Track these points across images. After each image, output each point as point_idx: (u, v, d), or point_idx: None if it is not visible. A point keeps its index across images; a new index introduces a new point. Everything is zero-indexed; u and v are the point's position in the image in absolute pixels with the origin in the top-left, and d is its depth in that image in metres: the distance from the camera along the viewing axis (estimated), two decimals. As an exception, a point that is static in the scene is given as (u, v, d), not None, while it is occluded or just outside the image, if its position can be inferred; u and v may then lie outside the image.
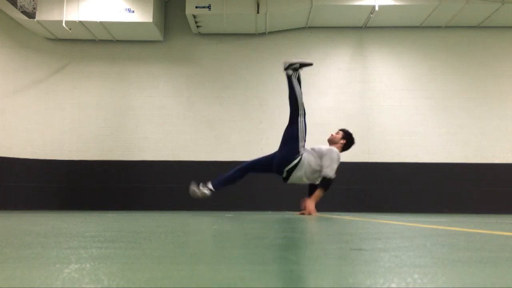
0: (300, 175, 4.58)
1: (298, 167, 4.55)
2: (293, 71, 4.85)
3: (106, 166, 8.20)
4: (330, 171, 4.53)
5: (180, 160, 8.22)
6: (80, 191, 8.13)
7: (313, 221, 3.19)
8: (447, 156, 8.13)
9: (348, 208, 7.78)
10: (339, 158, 4.69)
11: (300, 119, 4.74)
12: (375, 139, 8.24)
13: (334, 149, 4.74)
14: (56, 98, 8.42)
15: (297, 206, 4.90)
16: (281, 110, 8.35)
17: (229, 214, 4.74)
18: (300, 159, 4.54)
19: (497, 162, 8.07)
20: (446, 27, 8.44)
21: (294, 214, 4.80)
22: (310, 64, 4.96)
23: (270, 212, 6.14)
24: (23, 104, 8.15)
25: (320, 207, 7.65)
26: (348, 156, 8.23)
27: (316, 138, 8.20)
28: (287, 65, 4.83)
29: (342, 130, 5.13)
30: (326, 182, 4.56)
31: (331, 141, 4.97)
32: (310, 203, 4.57)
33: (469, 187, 7.96)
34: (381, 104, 8.36)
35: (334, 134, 5.07)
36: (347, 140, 5.01)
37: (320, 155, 4.64)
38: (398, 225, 2.59)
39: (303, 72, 8.52)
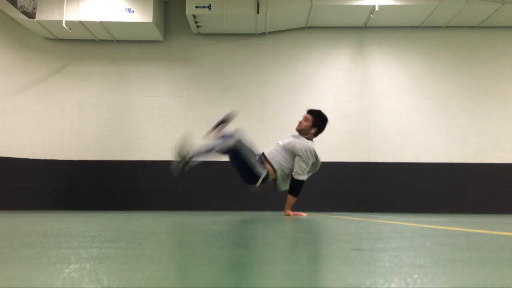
0: (280, 183, 4.26)
1: (277, 177, 4.22)
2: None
3: (106, 166, 8.20)
4: (299, 173, 4.18)
5: (180, 160, 8.20)
6: (80, 191, 8.13)
7: (313, 221, 3.19)
8: (447, 156, 8.13)
9: (348, 208, 7.78)
10: (312, 155, 4.25)
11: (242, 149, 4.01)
12: (375, 139, 8.25)
13: (309, 145, 4.25)
14: (56, 98, 8.42)
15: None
16: (281, 111, 8.37)
17: (229, 214, 4.74)
18: (266, 174, 4.09)
19: (497, 162, 8.07)
20: (446, 27, 8.44)
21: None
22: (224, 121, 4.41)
23: (270, 212, 6.14)
24: (23, 104, 8.15)
25: (320, 207, 7.67)
26: (348, 156, 8.28)
27: (316, 138, 8.22)
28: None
29: (311, 113, 4.48)
30: (294, 186, 4.21)
31: (302, 132, 4.40)
32: (286, 209, 4.33)
33: (469, 187, 7.96)
34: (381, 104, 8.36)
35: (302, 121, 4.43)
36: (319, 126, 4.42)
37: (290, 151, 4.21)
38: (398, 225, 2.59)
39: (303, 72, 8.54)
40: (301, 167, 4.22)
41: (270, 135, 7.76)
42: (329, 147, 8.16)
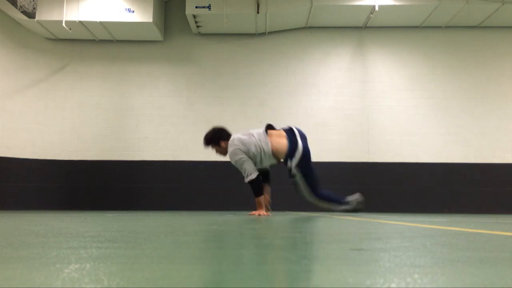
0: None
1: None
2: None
3: (106, 166, 8.20)
4: (245, 177, 4.29)
5: (180, 160, 8.22)
6: (80, 191, 8.13)
7: (313, 221, 3.20)
8: (447, 156, 8.13)
9: (348, 208, 7.77)
10: (236, 155, 4.28)
11: None
12: (375, 139, 8.25)
13: (230, 153, 4.37)
14: (56, 98, 8.42)
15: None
16: (281, 111, 8.37)
17: (229, 214, 4.74)
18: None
19: (497, 162, 8.07)
20: (446, 27, 8.44)
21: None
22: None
23: (270, 212, 6.12)
24: (23, 104, 8.15)
25: (319, 207, 7.64)
26: (348, 156, 8.28)
27: (316, 138, 8.23)
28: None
29: (206, 142, 4.59)
30: (251, 187, 4.33)
31: (223, 154, 4.63)
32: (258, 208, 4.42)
33: (469, 187, 7.96)
34: (381, 104, 8.36)
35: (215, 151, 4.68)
36: (215, 141, 4.52)
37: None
38: (398, 225, 2.59)
39: (303, 72, 8.54)
40: (243, 171, 4.31)
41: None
42: (329, 147, 8.16)
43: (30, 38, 8.28)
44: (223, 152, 4.55)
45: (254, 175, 4.25)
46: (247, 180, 4.26)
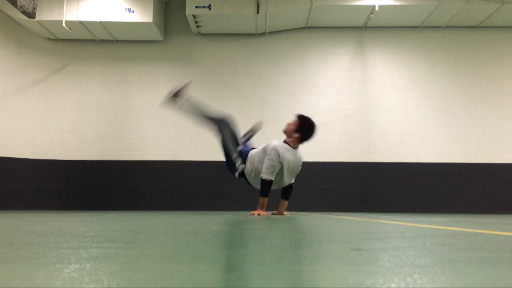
0: (252, 181, 4.40)
1: (247, 175, 4.36)
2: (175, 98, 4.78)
3: (106, 166, 8.20)
4: (264, 173, 4.17)
5: (180, 160, 8.21)
6: (80, 191, 8.13)
7: (313, 222, 3.20)
8: (447, 156, 8.13)
9: (348, 208, 7.78)
10: (276, 155, 4.16)
11: (224, 129, 4.46)
12: (375, 139, 8.24)
13: (276, 147, 4.19)
14: (56, 98, 8.42)
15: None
16: (281, 110, 8.36)
17: (229, 214, 4.73)
18: (243, 169, 4.35)
19: (497, 162, 8.07)
20: (446, 27, 8.44)
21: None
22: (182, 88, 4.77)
23: (270, 212, 6.12)
24: (23, 104, 8.15)
25: (320, 207, 7.67)
26: (348, 156, 8.28)
27: (316, 138, 8.20)
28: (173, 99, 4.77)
29: (298, 117, 4.36)
30: (261, 185, 4.21)
31: (286, 133, 4.38)
32: (258, 208, 4.29)
33: (469, 187, 7.96)
34: (381, 104, 8.36)
35: (290, 122, 4.38)
36: (303, 133, 4.28)
37: (264, 150, 4.28)
38: (398, 225, 2.59)
39: (303, 72, 8.54)
40: (266, 166, 4.20)
41: (270, 135, 7.75)
42: (329, 147, 8.16)
43: (30, 38, 8.28)
44: (288, 132, 4.39)
45: (272, 177, 4.23)
46: (263, 176, 4.20)
